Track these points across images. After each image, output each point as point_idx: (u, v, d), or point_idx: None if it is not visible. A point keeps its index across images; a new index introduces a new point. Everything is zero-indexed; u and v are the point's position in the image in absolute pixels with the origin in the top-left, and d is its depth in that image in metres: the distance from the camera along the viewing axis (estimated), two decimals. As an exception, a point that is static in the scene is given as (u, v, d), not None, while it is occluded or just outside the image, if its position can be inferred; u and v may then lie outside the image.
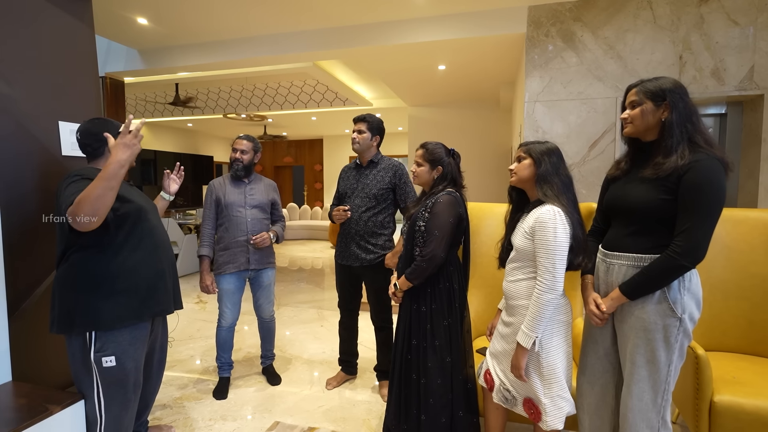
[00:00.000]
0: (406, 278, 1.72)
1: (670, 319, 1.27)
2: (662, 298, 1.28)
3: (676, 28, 2.98)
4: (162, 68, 4.48)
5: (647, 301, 1.29)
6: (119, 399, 1.56)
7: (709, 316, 1.98)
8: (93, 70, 2.06)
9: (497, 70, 4.60)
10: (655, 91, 1.29)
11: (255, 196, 2.41)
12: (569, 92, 3.21)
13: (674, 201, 1.25)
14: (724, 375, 1.71)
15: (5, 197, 1.66)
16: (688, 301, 1.28)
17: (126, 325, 1.53)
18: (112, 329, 1.51)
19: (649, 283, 1.28)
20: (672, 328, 1.27)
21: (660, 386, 1.30)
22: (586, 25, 3.14)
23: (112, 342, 1.51)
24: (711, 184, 1.20)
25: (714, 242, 2.00)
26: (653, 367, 1.30)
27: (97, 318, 1.48)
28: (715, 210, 1.22)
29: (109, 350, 1.51)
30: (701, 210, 1.21)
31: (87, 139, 1.62)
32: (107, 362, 1.51)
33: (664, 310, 1.28)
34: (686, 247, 1.22)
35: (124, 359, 1.54)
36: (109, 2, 3.28)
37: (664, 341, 1.28)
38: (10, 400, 1.55)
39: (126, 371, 1.55)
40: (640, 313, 1.31)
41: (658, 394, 1.31)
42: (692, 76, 2.97)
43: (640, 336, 1.31)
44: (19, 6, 1.74)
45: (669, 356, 1.29)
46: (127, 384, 1.57)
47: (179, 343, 3.20)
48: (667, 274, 1.25)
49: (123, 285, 1.52)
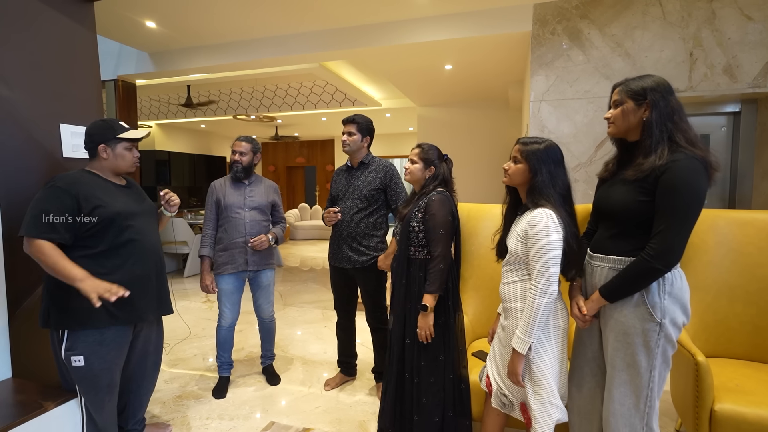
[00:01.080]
0: (429, 292, 1.64)
1: (648, 324, 1.24)
2: (640, 302, 1.25)
3: (687, 24, 2.89)
4: (172, 70, 4.55)
5: (626, 304, 1.27)
6: (91, 398, 1.59)
7: (714, 322, 1.91)
8: (94, 73, 2.10)
9: (505, 69, 4.54)
10: (636, 90, 1.26)
11: (254, 197, 2.43)
12: (576, 91, 3.15)
13: (652, 202, 1.21)
14: (727, 382, 1.65)
15: (7, 198, 1.70)
16: (670, 305, 1.24)
17: (96, 327, 1.56)
18: (82, 329, 1.55)
19: (626, 286, 1.25)
20: (651, 332, 1.24)
21: (642, 391, 1.27)
22: (593, 23, 3.07)
23: (81, 342, 1.55)
24: (687, 184, 1.17)
25: (720, 245, 1.94)
26: (634, 372, 1.27)
27: (68, 317, 1.53)
28: (691, 212, 1.18)
29: (77, 350, 1.55)
30: (677, 212, 1.17)
31: (85, 138, 1.68)
32: (75, 361, 1.54)
33: (642, 314, 1.25)
34: (659, 250, 1.18)
35: (93, 360, 1.57)
36: (119, 5, 3.34)
37: (644, 346, 1.25)
38: (9, 397, 1.59)
39: (94, 372, 1.57)
40: (619, 316, 1.29)
41: (640, 399, 1.28)
42: (703, 74, 2.88)
43: (619, 339, 1.29)
44: (19, 10, 1.79)
45: (650, 361, 1.25)
46: (98, 384, 1.59)
47: (185, 341, 3.25)
48: (641, 277, 1.22)
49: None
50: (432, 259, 1.67)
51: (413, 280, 1.74)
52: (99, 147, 1.66)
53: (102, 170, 1.69)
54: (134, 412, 1.89)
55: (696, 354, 1.58)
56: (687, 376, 1.64)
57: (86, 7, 2.07)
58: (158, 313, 1.82)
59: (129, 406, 1.86)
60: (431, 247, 1.69)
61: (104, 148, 1.66)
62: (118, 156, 1.70)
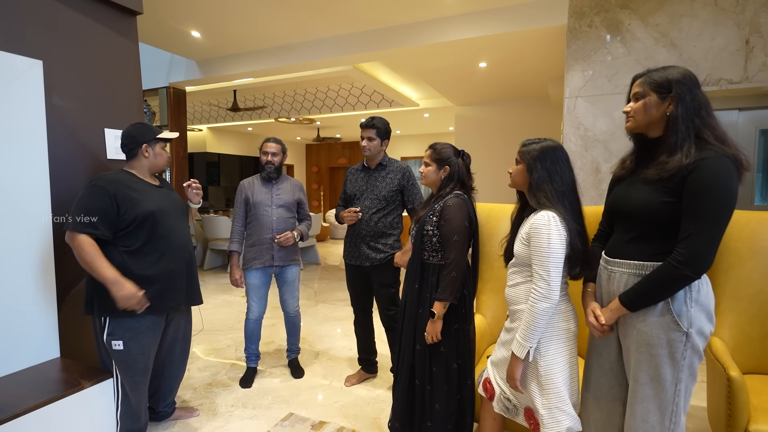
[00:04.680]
0: (439, 300, 1.60)
1: (674, 334, 1.14)
2: (665, 310, 1.15)
3: (742, 9, 2.65)
4: (217, 77, 4.82)
5: (649, 313, 1.17)
6: (128, 379, 1.75)
7: (759, 335, 1.74)
8: (136, 81, 2.28)
9: (542, 64, 4.38)
10: (660, 83, 1.16)
11: (281, 195, 2.52)
12: (615, 86, 2.98)
13: (678, 204, 1.12)
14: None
15: (57, 197, 1.89)
16: (696, 313, 1.14)
17: (134, 315, 1.71)
18: (122, 317, 1.70)
19: (650, 294, 1.16)
20: (677, 343, 1.14)
21: (667, 407, 1.17)
22: (635, 12, 2.89)
23: (120, 328, 1.71)
24: (719, 184, 1.07)
25: (766, 250, 1.76)
26: (658, 386, 1.18)
27: (109, 306, 1.67)
28: (723, 214, 1.08)
29: (117, 335, 1.71)
30: (707, 214, 1.07)
31: (125, 139, 1.83)
32: (116, 345, 1.71)
33: (667, 324, 1.15)
34: (689, 255, 1.09)
35: (131, 344, 1.72)
36: (166, 16, 3.60)
37: (670, 358, 1.15)
38: (56, 374, 1.77)
39: (132, 355, 1.73)
40: (642, 326, 1.19)
41: (665, 416, 1.18)
42: (762, 63, 2.63)
43: (642, 351, 1.19)
44: (70, 25, 1.99)
45: (676, 374, 1.16)
46: (134, 367, 1.74)
47: (220, 332, 3.44)
48: (668, 285, 1.13)
49: (135, 281, 1.69)
50: (445, 266, 1.63)
51: (426, 285, 1.70)
52: (142, 147, 1.81)
53: (140, 169, 1.84)
54: (164, 396, 2.04)
55: (729, 368, 1.45)
56: (720, 392, 1.52)
57: (129, 21, 2.25)
58: (188, 304, 1.95)
59: (160, 390, 2.01)
60: (445, 253, 1.64)
61: (146, 147, 1.82)
62: (158, 155, 1.86)
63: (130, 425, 1.79)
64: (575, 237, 1.29)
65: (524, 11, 3.33)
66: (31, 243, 1.78)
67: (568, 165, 1.36)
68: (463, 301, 1.67)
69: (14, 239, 1.72)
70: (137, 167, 1.84)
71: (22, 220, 1.74)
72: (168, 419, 2.10)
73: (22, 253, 1.75)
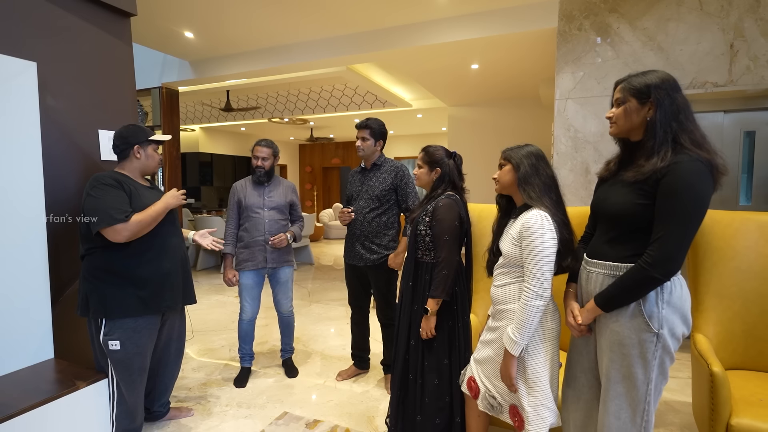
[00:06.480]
0: (432, 296, 1.66)
1: (645, 335, 1.18)
2: (637, 312, 1.19)
3: (727, 13, 2.71)
4: (210, 77, 4.82)
5: (621, 314, 1.21)
6: (125, 379, 1.75)
7: (741, 332, 1.79)
8: (130, 83, 2.28)
9: (533, 67, 4.44)
10: (639, 88, 1.20)
11: (273, 198, 2.54)
12: (604, 88, 3.03)
13: (652, 206, 1.15)
14: (750, 396, 1.55)
15: (51, 197, 1.89)
16: (669, 315, 1.18)
17: (131, 315, 1.72)
18: (119, 318, 1.71)
19: (622, 295, 1.19)
20: (648, 344, 1.18)
21: (639, 405, 1.21)
22: (623, 16, 2.95)
23: (118, 329, 1.72)
24: (690, 188, 1.10)
25: (749, 249, 1.82)
26: (630, 384, 1.22)
27: (106, 307, 1.69)
28: (693, 217, 1.11)
29: (114, 335, 1.71)
30: (677, 217, 1.11)
31: (117, 141, 1.83)
32: (113, 345, 1.71)
33: (639, 325, 1.19)
34: (658, 258, 1.12)
35: (128, 345, 1.73)
36: (159, 17, 3.59)
37: (641, 358, 1.19)
38: (50, 375, 1.77)
39: (129, 355, 1.74)
40: (615, 326, 1.23)
41: (636, 413, 1.22)
42: (745, 66, 2.69)
43: (615, 350, 1.23)
44: (63, 26, 1.99)
45: (647, 374, 1.19)
46: (131, 367, 1.75)
47: (213, 333, 3.44)
48: (639, 286, 1.16)
49: (131, 282, 1.71)
50: (437, 264, 1.68)
51: (420, 283, 1.76)
52: (134, 148, 1.81)
53: (132, 171, 1.85)
54: (159, 395, 2.05)
55: (712, 364, 1.50)
56: (703, 387, 1.56)
57: (123, 22, 2.26)
58: (183, 303, 1.96)
59: (155, 389, 2.02)
60: (437, 252, 1.69)
61: (138, 149, 1.82)
62: (149, 156, 1.86)
63: (126, 425, 1.80)
64: (562, 228, 1.34)
65: (515, 14, 3.38)
66: (25, 244, 1.78)
67: (548, 163, 1.44)
68: (455, 298, 1.71)
69: (8, 240, 1.72)
70: (128, 168, 1.84)
71: (16, 221, 1.74)
72: (162, 419, 2.10)
73: (16, 254, 1.75)
